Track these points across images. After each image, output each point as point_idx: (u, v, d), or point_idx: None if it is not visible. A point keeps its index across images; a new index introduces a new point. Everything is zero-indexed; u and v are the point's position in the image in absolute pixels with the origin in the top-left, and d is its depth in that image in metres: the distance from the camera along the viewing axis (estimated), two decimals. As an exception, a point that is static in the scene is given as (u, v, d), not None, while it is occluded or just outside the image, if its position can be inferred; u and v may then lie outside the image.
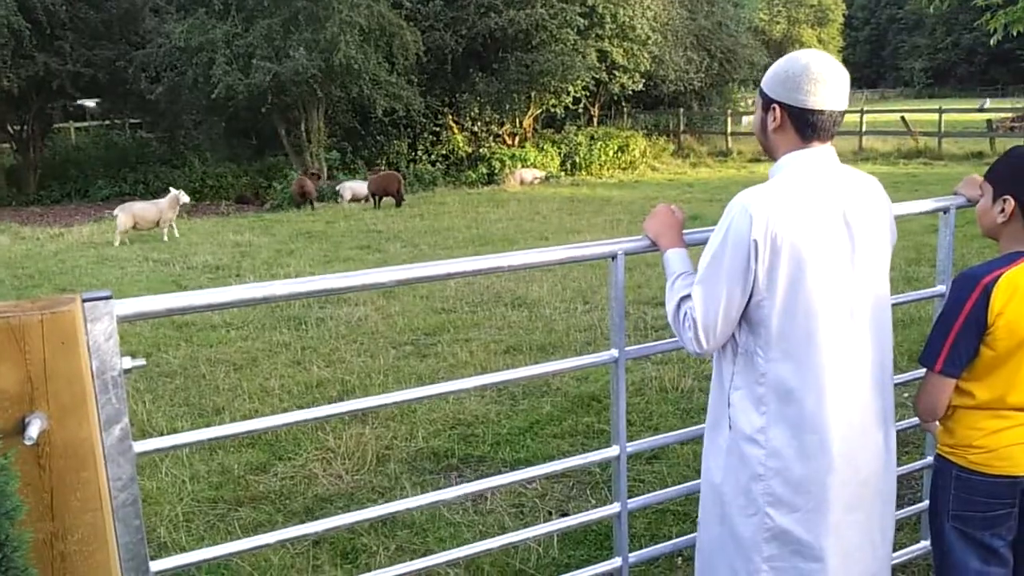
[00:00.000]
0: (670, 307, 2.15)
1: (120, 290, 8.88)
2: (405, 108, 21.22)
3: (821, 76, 2.02)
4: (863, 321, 2.09)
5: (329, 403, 5.06)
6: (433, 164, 23.74)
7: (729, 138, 27.67)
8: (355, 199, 18.33)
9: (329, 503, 4.06)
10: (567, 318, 7.37)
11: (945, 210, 2.83)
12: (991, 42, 8.25)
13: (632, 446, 2.51)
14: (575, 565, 3.27)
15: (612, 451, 2.49)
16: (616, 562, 2.55)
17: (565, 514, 3.83)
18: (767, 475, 2.09)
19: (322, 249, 12.13)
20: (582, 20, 22.36)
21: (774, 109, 2.09)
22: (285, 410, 5.14)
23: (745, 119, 32.11)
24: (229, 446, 4.74)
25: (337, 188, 18.92)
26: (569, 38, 22.37)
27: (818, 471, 2.06)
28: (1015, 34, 8.17)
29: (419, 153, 24.09)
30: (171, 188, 14.92)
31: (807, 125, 2.05)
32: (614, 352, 2.42)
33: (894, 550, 2.42)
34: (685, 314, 2.09)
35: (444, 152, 24.40)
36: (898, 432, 2.27)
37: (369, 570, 3.08)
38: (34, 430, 1.54)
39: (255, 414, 5.21)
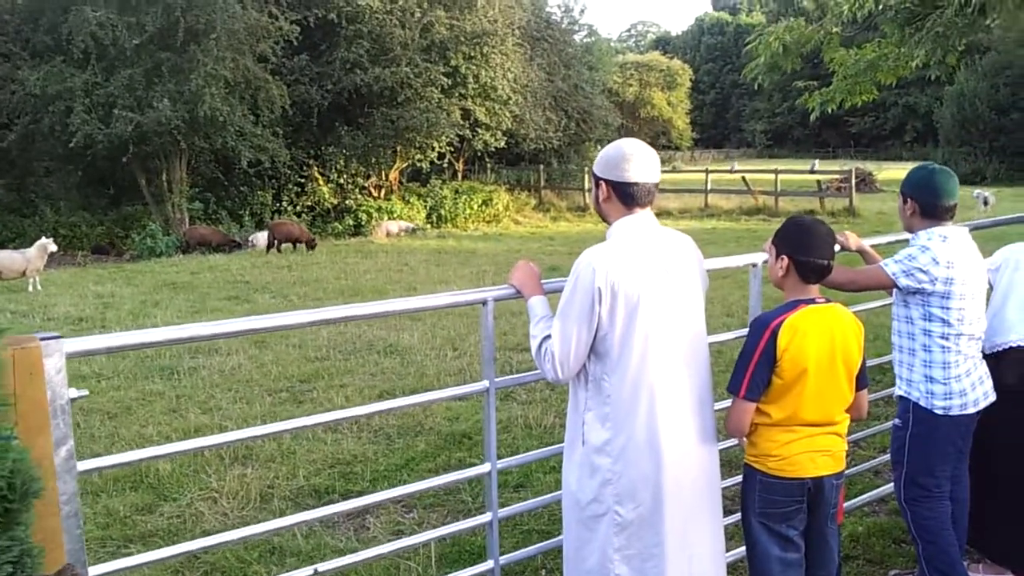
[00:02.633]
0: (534, 344, 2.64)
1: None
2: (270, 159, 21.30)
3: (634, 156, 2.60)
4: (685, 350, 2.63)
5: (210, 448, 5.28)
6: (298, 215, 23.80)
7: (587, 194, 28.96)
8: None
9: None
10: (438, 364, 7.79)
11: (755, 264, 3.47)
12: (811, 118, 9.33)
13: (502, 463, 2.96)
14: (452, 577, 3.65)
15: (485, 467, 2.94)
16: (489, 564, 2.98)
17: (442, 538, 4.21)
18: (613, 479, 2.57)
19: (188, 300, 12.08)
20: (446, 79, 23.22)
21: (602, 185, 2.64)
22: (167, 454, 5.29)
23: (602, 176, 33.68)
24: (112, 489, 4.87)
25: (250, 237, 20.15)
26: (433, 96, 23.14)
27: (653, 472, 2.56)
28: (830, 111, 9.31)
29: (284, 204, 24.12)
30: (42, 237, 14.48)
31: (627, 195, 2.61)
32: (486, 383, 2.88)
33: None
34: (546, 350, 2.58)
35: (310, 203, 24.52)
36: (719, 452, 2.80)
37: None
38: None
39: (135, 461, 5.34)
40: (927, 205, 3.36)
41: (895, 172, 42.93)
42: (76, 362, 7.83)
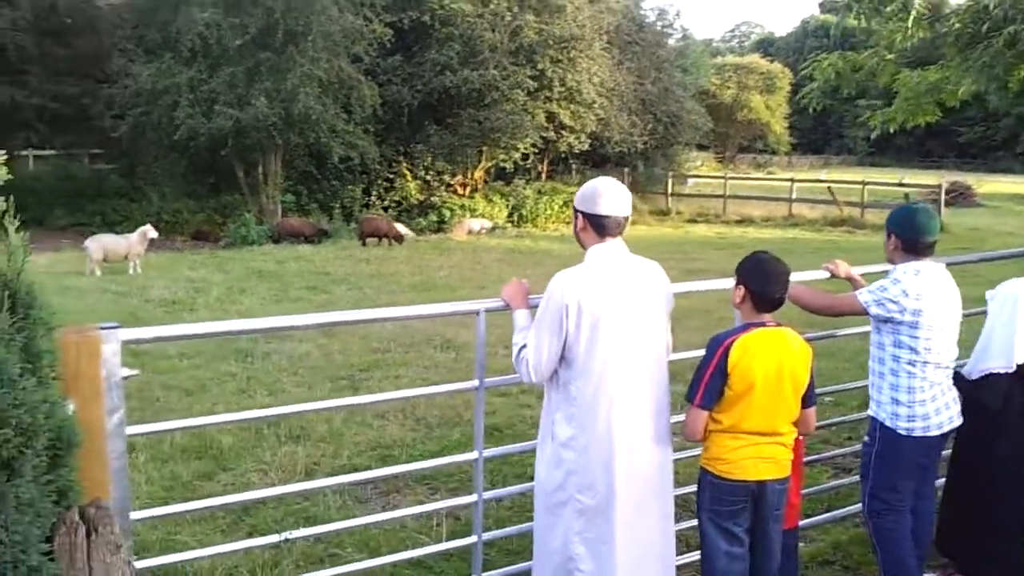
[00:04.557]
0: (514, 351, 3.10)
1: (79, 320, 9.57)
2: (360, 156, 22.21)
3: (606, 192, 3.03)
4: (644, 362, 3.03)
5: (270, 427, 5.93)
6: (386, 210, 24.65)
7: (670, 198, 29.03)
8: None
9: (263, 503, 4.86)
10: (488, 361, 8.24)
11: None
12: (871, 136, 9.43)
13: (488, 452, 3.42)
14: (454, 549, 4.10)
15: (472, 455, 3.40)
16: (473, 539, 3.44)
17: (457, 519, 4.69)
18: (577, 470, 3.01)
19: (272, 288, 12.92)
20: (532, 82, 23.73)
21: (579, 216, 3.08)
22: (230, 432, 5.93)
23: (691, 181, 33.63)
24: (179, 457, 5.53)
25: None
26: (519, 98, 23.68)
27: (608, 466, 2.97)
28: (892, 130, 9.38)
29: (373, 198, 25.01)
30: (145, 224, 15.58)
31: (599, 226, 3.03)
32: (475, 382, 3.35)
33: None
34: (523, 356, 3.03)
35: (397, 199, 25.37)
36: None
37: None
38: (70, 407, 2.39)
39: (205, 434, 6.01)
40: (908, 241, 3.65)
41: (1000, 185, 41.18)
42: (164, 344, 8.63)
